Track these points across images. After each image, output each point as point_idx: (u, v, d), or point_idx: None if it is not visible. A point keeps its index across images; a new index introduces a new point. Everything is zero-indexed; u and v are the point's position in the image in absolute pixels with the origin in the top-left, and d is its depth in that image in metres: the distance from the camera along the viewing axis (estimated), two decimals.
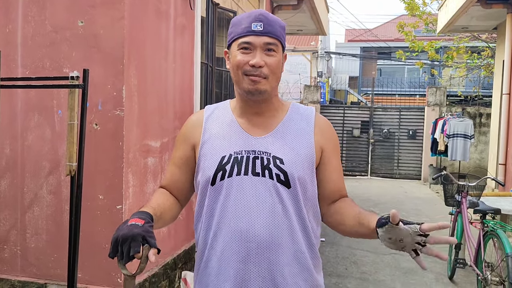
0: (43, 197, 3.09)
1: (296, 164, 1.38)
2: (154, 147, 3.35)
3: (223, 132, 1.43)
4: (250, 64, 1.34)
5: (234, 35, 1.38)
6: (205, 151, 1.43)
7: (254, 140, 1.40)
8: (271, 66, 1.36)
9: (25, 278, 3.13)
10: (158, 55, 3.39)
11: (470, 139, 9.66)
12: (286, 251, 1.35)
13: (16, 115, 3.10)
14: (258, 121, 1.44)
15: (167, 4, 3.50)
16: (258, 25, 1.35)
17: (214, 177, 1.38)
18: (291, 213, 1.36)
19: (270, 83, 1.38)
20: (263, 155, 1.38)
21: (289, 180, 1.36)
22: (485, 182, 4.48)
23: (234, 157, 1.38)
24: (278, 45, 1.38)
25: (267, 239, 1.33)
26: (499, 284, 3.54)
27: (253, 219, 1.33)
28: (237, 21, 1.40)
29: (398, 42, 20.05)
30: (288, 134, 1.42)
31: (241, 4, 5.63)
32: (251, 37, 1.35)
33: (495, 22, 8.18)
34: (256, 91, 1.36)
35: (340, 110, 13.32)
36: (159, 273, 3.43)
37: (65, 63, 2.98)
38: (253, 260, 1.33)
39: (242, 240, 1.33)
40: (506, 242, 3.41)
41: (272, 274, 1.34)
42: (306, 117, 1.47)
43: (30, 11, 3.03)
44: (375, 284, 4.44)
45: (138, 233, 1.18)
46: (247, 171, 1.36)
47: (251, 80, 1.35)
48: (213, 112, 1.51)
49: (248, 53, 1.35)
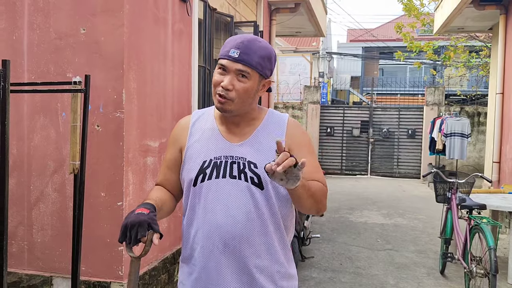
0: (48, 194, 3.26)
1: None
2: (153, 147, 3.53)
3: (206, 138, 1.59)
4: (221, 85, 1.48)
5: (220, 55, 1.52)
6: (189, 154, 1.59)
7: (232, 146, 1.55)
8: (239, 91, 1.48)
9: (32, 271, 3.30)
10: (156, 60, 3.56)
11: (467, 138, 9.78)
12: (259, 245, 1.51)
13: (23, 118, 3.27)
14: (236, 129, 1.58)
15: (165, 11, 3.67)
16: (235, 52, 1.47)
17: (195, 179, 1.54)
18: (264, 211, 1.51)
19: (236, 105, 1.50)
20: (240, 160, 1.53)
21: (262, 183, 1.51)
22: (473, 179, 4.62)
23: (214, 162, 1.54)
24: (251, 74, 1.48)
25: (242, 234, 1.49)
26: (484, 276, 3.69)
27: (229, 216, 1.50)
28: (226, 43, 1.53)
29: (399, 42, 20.13)
30: (262, 140, 1.56)
31: (238, 9, 5.79)
32: (226, 61, 1.48)
33: (490, 23, 8.29)
34: (222, 110, 1.51)
35: (340, 110, 13.45)
36: (158, 267, 3.60)
37: (68, 68, 3.16)
38: (229, 251, 1.50)
39: (219, 234, 1.50)
40: (489, 236, 3.57)
41: (246, 265, 1.50)
42: (279, 124, 1.61)
43: (36, 20, 3.20)
44: (368, 278, 4.59)
45: (144, 220, 1.36)
46: (225, 174, 1.52)
47: (219, 101, 1.50)
48: (199, 117, 1.65)
49: (224, 74, 1.49)
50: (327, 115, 13.32)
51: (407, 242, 6.05)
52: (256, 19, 6.51)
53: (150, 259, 3.52)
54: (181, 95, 4.05)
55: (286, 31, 9.09)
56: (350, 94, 23.65)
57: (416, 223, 7.20)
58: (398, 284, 4.43)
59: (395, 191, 10.68)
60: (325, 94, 17.44)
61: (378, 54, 25.21)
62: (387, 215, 7.76)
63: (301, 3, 7.24)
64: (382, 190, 10.73)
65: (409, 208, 8.47)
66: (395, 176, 12.92)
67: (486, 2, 7.03)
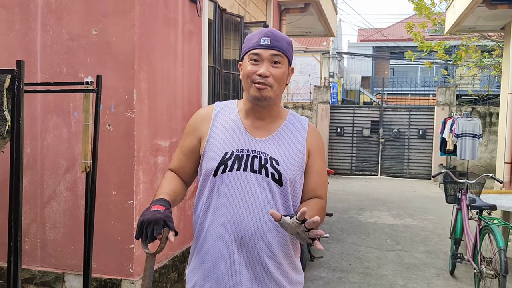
0: (60, 193, 3.32)
1: (289, 166, 1.57)
2: (163, 147, 3.57)
3: (228, 130, 1.61)
4: (257, 73, 1.53)
5: (246, 49, 1.58)
6: (210, 144, 1.60)
7: (255, 141, 1.59)
8: (276, 76, 1.54)
9: (44, 268, 3.36)
10: (167, 60, 3.60)
11: (478, 139, 9.70)
12: (273, 239, 1.55)
13: (36, 117, 3.33)
14: (260, 124, 1.62)
15: (175, 12, 3.71)
16: (266, 40, 1.54)
17: (216, 169, 1.56)
18: (280, 207, 1.55)
19: (274, 91, 1.55)
20: (262, 155, 1.56)
21: (282, 179, 1.55)
22: (484, 180, 4.59)
23: (236, 154, 1.56)
24: (283, 58, 1.56)
25: (258, 228, 1.53)
26: (494, 277, 3.67)
27: (247, 209, 1.53)
28: (250, 37, 1.60)
29: (410, 42, 20.03)
30: (285, 139, 1.61)
31: (248, 9, 5.81)
32: (259, 50, 1.54)
33: (502, 22, 8.23)
34: (262, 97, 1.54)
35: (350, 110, 13.41)
36: (168, 265, 3.64)
37: (80, 68, 3.21)
38: (244, 244, 1.53)
39: (236, 226, 1.53)
40: (499, 236, 3.55)
41: (260, 258, 1.54)
42: (301, 126, 1.67)
43: (49, 21, 3.26)
44: (377, 279, 4.59)
45: (160, 217, 1.39)
46: (246, 168, 1.54)
47: (258, 88, 1.53)
48: (222, 109, 1.68)
49: (257, 64, 1.54)
50: (337, 115, 13.29)
51: (417, 242, 6.03)
52: (266, 19, 6.53)
53: (160, 257, 3.56)
54: (191, 95, 4.08)
55: (296, 31, 9.10)
56: (361, 94, 23.57)
57: (426, 224, 7.17)
58: (407, 285, 4.42)
59: (405, 191, 10.62)
60: (335, 94, 17.41)
61: (389, 54, 25.09)
62: (397, 216, 7.73)
63: (311, 3, 7.25)
64: (392, 190, 10.68)
65: (419, 208, 8.42)
66: (405, 176, 12.85)
67: (498, 1, 6.98)
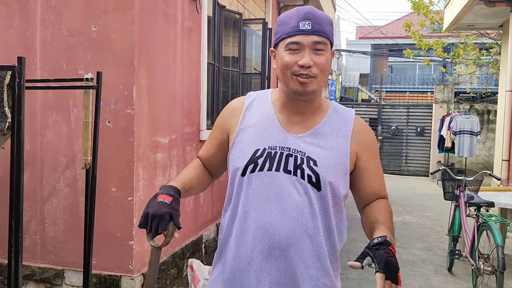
0: (60, 189, 3.32)
1: (329, 168, 1.35)
2: (163, 143, 3.57)
3: (260, 124, 1.41)
4: (299, 64, 1.30)
5: (282, 34, 1.34)
6: (240, 139, 1.42)
7: (291, 137, 1.38)
8: (320, 65, 1.32)
9: (44, 264, 3.36)
10: (166, 57, 3.60)
11: (476, 136, 9.73)
12: (307, 252, 1.34)
13: (36, 114, 3.33)
14: (297, 119, 1.41)
15: (175, 8, 3.71)
16: (306, 24, 1.30)
17: (245, 168, 1.37)
18: (317, 215, 1.34)
19: (319, 82, 1.34)
20: (297, 154, 1.35)
21: (320, 183, 1.33)
22: (482, 177, 4.62)
23: (268, 152, 1.36)
24: (327, 44, 1.33)
25: (290, 237, 1.32)
26: (491, 274, 3.69)
27: (279, 216, 1.33)
28: (284, 20, 1.35)
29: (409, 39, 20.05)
30: (325, 136, 1.39)
31: (247, 6, 5.81)
32: (300, 37, 1.30)
33: (501, 20, 8.24)
34: (305, 93, 1.34)
35: (348, 108, 13.41)
36: (168, 261, 3.66)
37: (80, 65, 3.21)
38: (274, 255, 1.33)
39: (265, 235, 1.33)
40: (497, 233, 3.57)
41: (292, 272, 1.34)
42: (345, 120, 1.44)
43: (48, 17, 3.26)
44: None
45: (166, 211, 1.28)
46: (279, 168, 1.34)
47: (300, 82, 1.32)
48: (254, 100, 1.48)
49: (296, 53, 1.31)
50: None
51: (415, 239, 6.06)
52: (265, 16, 6.53)
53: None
54: (191, 92, 4.09)
55: None
56: (359, 92, 23.59)
57: (425, 221, 7.20)
58: (405, 281, 4.44)
59: (404, 189, 10.66)
60: (334, 92, 17.42)
61: (387, 51, 25.11)
62: (395, 213, 7.75)
63: (310, 0, 7.25)
64: (391, 188, 10.70)
65: (418, 206, 8.46)
66: (403, 174, 12.88)
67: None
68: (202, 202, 4.40)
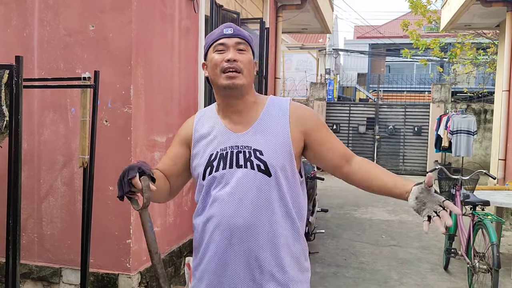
0: (57, 188, 3.33)
1: (275, 154, 1.53)
2: (160, 142, 3.58)
3: (210, 133, 1.61)
4: (225, 59, 1.52)
5: (210, 41, 1.58)
6: (197, 151, 1.62)
7: (237, 136, 1.57)
8: (244, 61, 1.54)
9: (42, 263, 3.38)
10: (163, 56, 3.62)
11: (473, 135, 9.75)
12: (267, 235, 1.50)
13: (33, 113, 3.34)
14: (238, 119, 1.60)
15: (172, 8, 3.72)
16: (228, 30, 1.56)
17: (204, 172, 1.56)
18: (273, 199, 1.51)
19: (245, 77, 1.54)
20: (245, 149, 1.54)
21: (269, 169, 1.51)
22: (478, 176, 4.64)
23: (220, 154, 1.55)
24: (247, 47, 1.57)
25: (249, 224, 1.49)
26: (487, 272, 3.72)
27: (237, 206, 1.50)
28: (211, 33, 1.61)
29: (406, 39, 20.08)
30: (266, 127, 1.57)
31: (244, 5, 5.82)
32: (224, 39, 1.55)
33: (497, 20, 8.27)
34: (234, 86, 1.52)
35: (346, 107, 13.44)
36: (165, 260, 3.67)
37: (77, 64, 3.22)
38: (236, 243, 1.50)
39: (227, 224, 1.50)
40: (492, 231, 3.60)
41: (255, 255, 1.50)
42: (282, 108, 1.61)
43: (46, 17, 3.27)
44: (372, 274, 4.63)
45: (134, 165, 1.46)
46: (232, 165, 1.53)
47: (228, 77, 1.52)
48: (203, 115, 1.69)
49: (223, 52, 1.54)
50: (333, 112, 13.32)
51: (412, 238, 6.08)
52: (263, 16, 6.54)
53: None
54: (188, 91, 4.10)
55: (293, 27, 9.11)
56: (357, 91, 23.60)
57: (421, 220, 7.22)
58: (401, 279, 4.47)
59: None
60: (331, 91, 17.43)
61: (385, 51, 25.13)
62: (392, 212, 7.78)
63: (308, 0, 7.27)
64: None
65: None
66: (401, 173, 12.89)
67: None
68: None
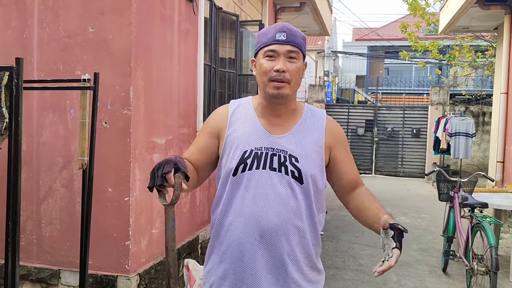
0: (56, 189, 3.33)
1: (309, 162, 1.56)
2: (159, 144, 3.59)
3: (246, 128, 1.59)
4: (274, 69, 1.51)
5: (261, 44, 1.57)
6: (229, 143, 1.59)
7: (273, 138, 1.57)
8: (293, 72, 1.53)
9: (40, 264, 3.37)
10: (163, 58, 3.62)
11: (471, 138, 9.78)
12: (294, 239, 1.53)
13: (32, 114, 3.34)
14: (277, 121, 1.60)
15: (172, 10, 3.73)
16: (281, 35, 1.53)
17: (236, 168, 1.54)
18: (301, 205, 1.54)
19: (292, 87, 1.55)
20: (280, 153, 1.55)
21: (302, 177, 1.53)
22: (476, 178, 4.65)
23: (255, 153, 1.54)
24: (299, 53, 1.55)
25: (279, 226, 1.51)
26: (485, 274, 3.72)
27: (268, 208, 1.51)
28: (263, 33, 1.59)
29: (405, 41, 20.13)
30: (303, 134, 1.59)
31: (244, 8, 5.84)
32: (275, 46, 1.53)
33: (496, 23, 8.29)
34: (279, 96, 1.54)
35: (344, 109, 13.47)
36: (164, 261, 3.67)
37: (77, 66, 3.22)
38: (265, 242, 1.51)
39: (256, 224, 1.51)
40: (491, 233, 3.60)
41: (281, 258, 1.52)
42: (318, 119, 1.65)
43: (45, 18, 3.27)
44: (371, 276, 4.63)
45: (171, 159, 1.40)
46: (265, 166, 1.53)
47: (275, 86, 1.52)
48: (237, 107, 1.66)
49: (273, 60, 1.53)
50: (331, 114, 13.33)
51: (410, 240, 6.08)
52: (262, 18, 6.55)
53: (155, 254, 3.59)
54: (187, 93, 4.11)
55: None
56: (355, 93, 23.65)
57: (420, 222, 7.23)
58: (400, 281, 4.47)
59: (399, 190, 10.69)
60: (330, 93, 17.47)
61: (384, 53, 25.18)
62: (391, 214, 7.78)
63: (306, 2, 7.28)
64: (386, 189, 10.74)
65: (413, 207, 8.49)
66: (399, 175, 12.93)
67: (491, 2, 7.04)
68: (198, 202, 4.42)
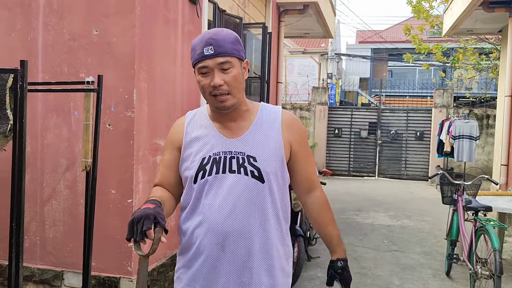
0: (60, 191, 3.34)
1: (268, 160, 1.56)
2: (162, 146, 3.59)
3: (202, 136, 1.61)
4: (211, 85, 1.51)
5: (193, 61, 1.56)
6: (188, 153, 1.61)
7: (230, 142, 1.58)
8: (230, 82, 1.52)
9: (44, 266, 3.38)
10: (166, 61, 3.63)
11: (475, 140, 9.74)
12: (260, 241, 1.54)
13: (37, 116, 3.36)
14: (232, 125, 1.61)
15: (175, 12, 3.74)
16: (208, 49, 1.50)
17: (196, 176, 1.56)
18: (265, 205, 1.55)
19: (235, 96, 1.54)
20: (239, 155, 1.56)
21: (262, 175, 1.54)
22: (480, 182, 4.63)
23: (213, 158, 1.56)
24: (231, 61, 1.53)
25: (241, 229, 1.52)
26: (489, 278, 3.71)
27: (230, 211, 1.52)
28: (193, 48, 1.56)
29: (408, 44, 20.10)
30: (259, 134, 1.60)
31: (247, 10, 5.85)
32: (206, 61, 1.51)
33: (500, 25, 8.28)
34: (225, 108, 1.55)
35: (348, 112, 13.45)
36: (166, 263, 3.67)
37: (81, 68, 3.24)
38: (229, 247, 1.52)
39: (219, 229, 1.52)
40: (494, 237, 3.59)
41: (246, 259, 1.53)
42: (274, 116, 1.64)
43: (50, 21, 3.29)
44: (373, 279, 4.62)
45: (150, 213, 1.37)
46: (225, 170, 1.54)
47: (218, 100, 1.53)
48: (193, 117, 1.68)
49: (208, 75, 1.52)
50: (335, 116, 13.33)
51: (413, 243, 6.07)
52: (265, 21, 6.56)
53: (158, 256, 3.59)
54: (191, 95, 4.12)
55: (295, 32, 9.14)
56: (359, 96, 23.63)
57: (423, 225, 7.21)
58: (403, 285, 4.46)
59: (403, 193, 10.66)
60: (333, 95, 17.46)
61: (387, 55, 25.15)
62: (394, 217, 7.77)
63: (310, 5, 7.29)
64: (390, 191, 10.72)
65: (416, 210, 8.46)
66: (403, 178, 12.88)
67: (495, 4, 7.02)
68: None
